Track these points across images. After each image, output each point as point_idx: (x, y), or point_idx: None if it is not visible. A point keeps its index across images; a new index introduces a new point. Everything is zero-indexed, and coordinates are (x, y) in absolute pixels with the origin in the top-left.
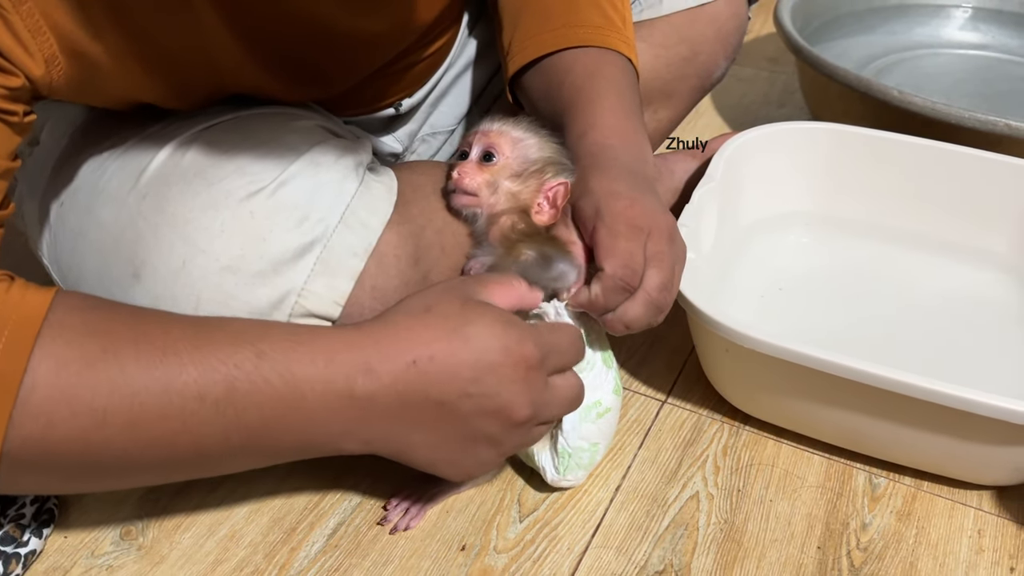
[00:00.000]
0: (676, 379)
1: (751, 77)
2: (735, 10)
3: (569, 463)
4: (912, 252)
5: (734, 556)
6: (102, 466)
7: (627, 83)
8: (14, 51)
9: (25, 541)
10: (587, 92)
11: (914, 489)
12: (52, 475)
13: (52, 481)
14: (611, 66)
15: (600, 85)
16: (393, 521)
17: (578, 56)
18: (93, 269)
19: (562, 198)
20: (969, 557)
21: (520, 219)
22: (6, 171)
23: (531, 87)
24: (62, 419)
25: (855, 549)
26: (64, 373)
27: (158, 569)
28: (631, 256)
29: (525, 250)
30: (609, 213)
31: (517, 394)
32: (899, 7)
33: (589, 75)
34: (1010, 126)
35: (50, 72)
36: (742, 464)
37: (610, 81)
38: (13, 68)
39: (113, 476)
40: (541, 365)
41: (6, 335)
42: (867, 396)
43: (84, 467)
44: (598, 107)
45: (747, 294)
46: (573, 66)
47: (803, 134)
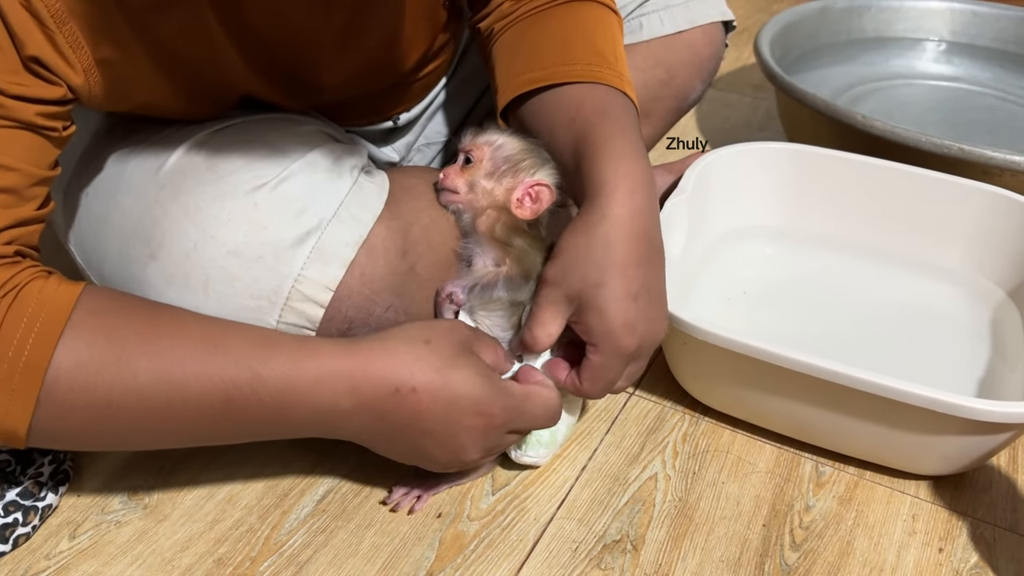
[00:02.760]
0: (644, 374)
1: (735, 102)
2: (711, 38)
3: (530, 440)
4: (869, 264)
5: (685, 530)
6: (111, 444)
7: (632, 122)
8: (58, 64)
9: (42, 496)
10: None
11: (856, 477)
12: (69, 444)
13: (70, 446)
14: (616, 106)
15: (608, 127)
16: (396, 500)
17: (574, 92)
18: (114, 251)
19: (546, 200)
20: (902, 538)
21: (501, 214)
22: (47, 179)
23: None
24: (78, 409)
25: (797, 528)
26: (83, 371)
27: (161, 526)
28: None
29: (510, 262)
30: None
31: (472, 442)
32: (877, 40)
33: (596, 113)
34: (963, 150)
35: (88, 81)
36: (699, 450)
37: (617, 122)
38: (56, 79)
39: (120, 448)
40: (502, 426)
41: (38, 326)
42: (810, 387)
43: (95, 444)
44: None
45: (713, 297)
46: (572, 102)
47: (769, 153)
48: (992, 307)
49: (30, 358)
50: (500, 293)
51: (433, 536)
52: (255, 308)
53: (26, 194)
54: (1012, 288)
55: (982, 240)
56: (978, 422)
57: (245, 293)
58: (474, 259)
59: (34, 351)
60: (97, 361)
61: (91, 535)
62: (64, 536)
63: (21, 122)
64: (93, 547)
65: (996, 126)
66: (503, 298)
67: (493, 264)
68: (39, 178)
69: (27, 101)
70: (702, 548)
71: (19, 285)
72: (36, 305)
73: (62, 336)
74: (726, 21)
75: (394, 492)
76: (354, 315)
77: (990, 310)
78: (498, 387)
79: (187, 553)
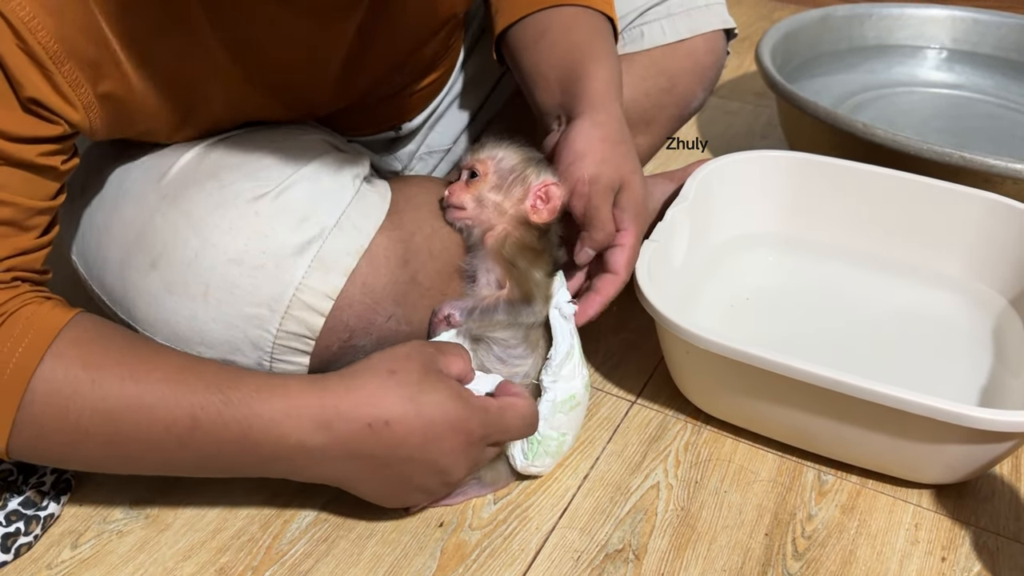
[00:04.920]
0: (646, 382)
1: (737, 110)
2: (712, 46)
3: (538, 450)
4: (871, 272)
5: (687, 539)
6: (87, 466)
7: (611, 43)
8: (58, 104)
9: (44, 506)
10: (583, 51)
11: (859, 486)
12: (48, 462)
13: (50, 463)
14: (602, 28)
15: (596, 47)
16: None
17: (569, 15)
18: (116, 260)
19: (556, 197)
20: (905, 547)
21: (514, 230)
22: (49, 208)
23: (519, 40)
24: (52, 432)
25: (800, 537)
26: (57, 395)
27: (163, 535)
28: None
29: (511, 285)
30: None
31: (455, 462)
32: (878, 47)
33: (586, 34)
34: (964, 158)
35: (89, 116)
36: (701, 459)
37: (604, 41)
38: (56, 118)
39: (97, 470)
40: (482, 440)
41: (21, 349)
42: (813, 396)
43: (72, 463)
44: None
45: (716, 305)
46: (567, 22)
47: (771, 161)
48: (994, 315)
49: (10, 378)
50: (500, 317)
51: (435, 545)
52: (255, 316)
53: (26, 224)
54: (1014, 296)
55: (984, 248)
56: (981, 431)
57: (245, 301)
58: (478, 275)
59: (14, 373)
60: (71, 385)
61: (93, 544)
62: (66, 545)
63: (20, 162)
64: (95, 556)
65: (998, 134)
66: (503, 321)
67: (496, 282)
68: (38, 209)
69: (27, 142)
70: (704, 557)
71: (11, 311)
72: (23, 329)
73: (41, 361)
74: (727, 29)
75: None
76: (355, 324)
77: (992, 318)
78: (472, 404)
79: (189, 562)
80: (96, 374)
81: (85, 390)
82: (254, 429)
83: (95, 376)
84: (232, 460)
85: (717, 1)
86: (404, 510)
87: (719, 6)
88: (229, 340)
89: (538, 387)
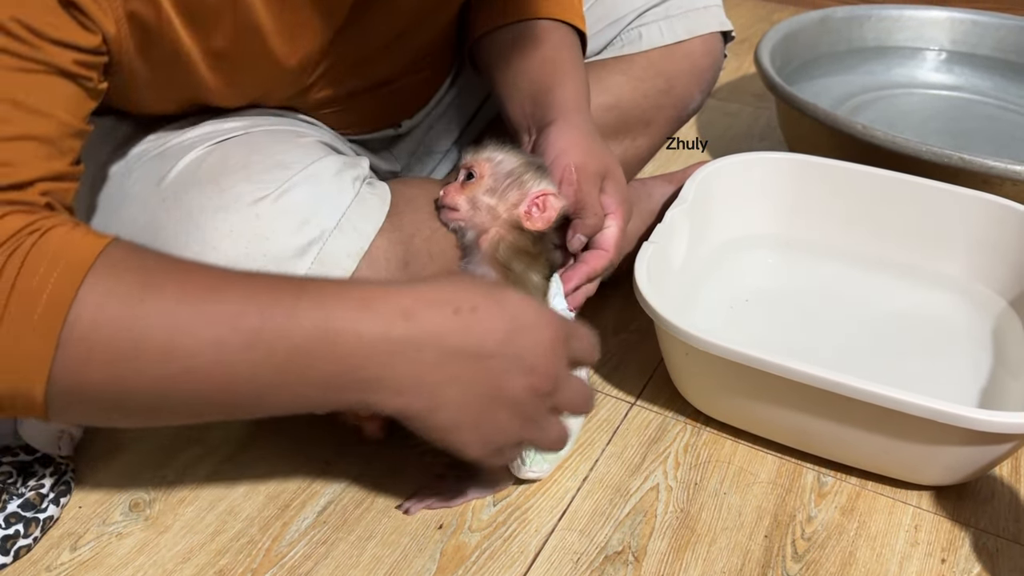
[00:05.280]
0: (646, 384)
1: (736, 112)
2: (709, 48)
3: (535, 456)
4: (870, 274)
5: (687, 540)
6: (134, 398)
7: (580, 57)
8: (94, 10)
9: (44, 508)
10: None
11: (859, 488)
12: (91, 404)
13: (91, 410)
14: (571, 43)
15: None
16: (407, 507)
17: (542, 29)
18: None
19: (552, 208)
20: (904, 549)
21: (507, 234)
22: (82, 132)
23: (491, 52)
24: (101, 346)
25: (799, 539)
26: (107, 304)
27: (162, 537)
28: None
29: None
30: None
31: (544, 358)
32: (877, 49)
33: (556, 48)
34: (964, 159)
35: (120, 33)
36: (701, 461)
37: (573, 55)
38: (93, 25)
39: (144, 411)
40: (566, 341)
41: (61, 267)
42: (812, 398)
43: (118, 397)
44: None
45: (715, 306)
46: (539, 36)
47: (770, 163)
48: (994, 316)
49: (46, 310)
50: None
51: (434, 547)
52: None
53: (61, 146)
54: (1013, 297)
55: (983, 249)
56: (980, 432)
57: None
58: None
59: (57, 288)
60: (123, 292)
61: (92, 547)
62: (65, 548)
63: (57, 68)
64: (94, 559)
65: (997, 135)
66: None
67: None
68: (75, 130)
69: (65, 47)
70: (704, 559)
71: (45, 228)
72: (61, 245)
73: (87, 275)
74: (724, 31)
75: (411, 505)
76: None
77: (992, 319)
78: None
79: (188, 565)
80: (149, 277)
81: (137, 294)
82: (331, 323)
83: (148, 280)
84: (301, 378)
85: (714, 4)
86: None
87: (716, 8)
88: None
89: None
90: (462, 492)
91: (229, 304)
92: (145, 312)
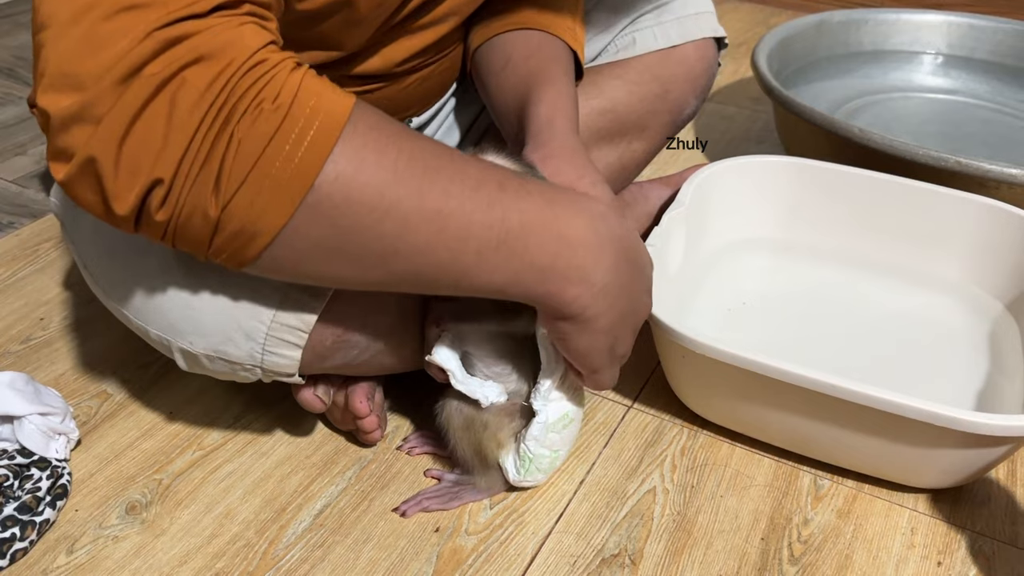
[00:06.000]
0: (643, 387)
1: (734, 115)
2: (703, 53)
3: (530, 467)
4: (866, 276)
5: (684, 543)
6: (377, 234)
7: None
8: None
9: (40, 511)
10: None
11: (855, 491)
12: (330, 234)
13: (322, 249)
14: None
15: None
16: (404, 509)
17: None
18: (113, 250)
19: None
20: (901, 552)
21: None
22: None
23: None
24: (371, 163)
25: (796, 541)
26: (374, 132)
27: (159, 541)
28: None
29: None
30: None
31: (651, 294)
32: (874, 53)
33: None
34: (960, 163)
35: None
36: (697, 463)
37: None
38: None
39: (375, 257)
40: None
41: (320, 118)
42: (809, 400)
43: (364, 229)
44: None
45: (713, 309)
46: (529, 51)
47: (767, 166)
48: (990, 319)
49: (313, 144)
50: (491, 325)
51: (431, 551)
52: (249, 305)
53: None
54: (1010, 300)
55: (979, 253)
56: (976, 435)
57: (240, 289)
58: None
59: (316, 140)
60: (386, 131)
61: (88, 550)
62: (62, 551)
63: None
64: (90, 562)
65: (993, 139)
66: (494, 330)
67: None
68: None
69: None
70: (700, 562)
71: (299, 67)
72: (317, 99)
73: (341, 136)
74: (718, 38)
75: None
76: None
77: (988, 323)
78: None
79: (184, 568)
80: (404, 131)
81: (399, 140)
82: (556, 198)
83: (402, 140)
84: (530, 237)
85: (707, 11)
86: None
87: (709, 15)
88: (223, 330)
89: (530, 407)
90: (458, 495)
91: (475, 167)
92: (408, 147)
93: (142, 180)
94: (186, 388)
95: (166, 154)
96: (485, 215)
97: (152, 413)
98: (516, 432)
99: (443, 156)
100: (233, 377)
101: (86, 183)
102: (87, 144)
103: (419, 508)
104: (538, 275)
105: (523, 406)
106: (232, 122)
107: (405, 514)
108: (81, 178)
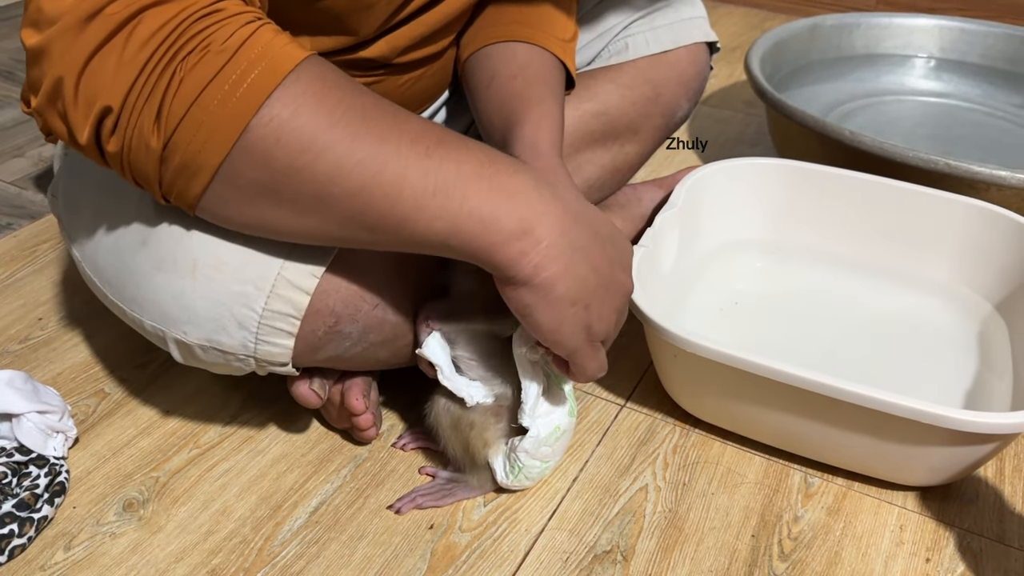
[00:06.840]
0: (635, 386)
1: (727, 118)
2: (695, 58)
3: (519, 475)
4: (857, 277)
5: (675, 540)
6: (309, 176)
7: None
8: None
9: (38, 508)
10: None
11: (845, 488)
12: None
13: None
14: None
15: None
16: (399, 507)
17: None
18: (107, 240)
19: None
20: (889, 548)
21: None
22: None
23: (472, 79)
24: (308, 108)
25: (786, 538)
26: (317, 82)
27: (156, 537)
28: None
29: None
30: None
31: (629, 272)
32: (867, 56)
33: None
34: (949, 165)
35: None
36: (689, 462)
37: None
38: None
39: (309, 199)
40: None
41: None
42: (799, 399)
43: (296, 170)
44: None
45: (705, 310)
46: (517, 67)
47: (759, 168)
48: (979, 320)
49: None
50: (478, 325)
51: (425, 547)
52: (241, 293)
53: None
54: (999, 301)
55: (969, 253)
56: (963, 433)
57: (232, 277)
58: (451, 288)
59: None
60: (328, 84)
61: (86, 547)
62: (59, 548)
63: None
64: (88, 559)
65: (985, 142)
66: (481, 330)
67: (471, 292)
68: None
69: None
70: (691, 558)
71: (258, 20)
72: (264, 48)
73: (283, 83)
74: (710, 43)
75: (403, 503)
76: (341, 310)
77: (977, 323)
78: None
79: (181, 564)
80: (348, 83)
81: (340, 97)
82: (495, 157)
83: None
84: (467, 188)
85: (699, 16)
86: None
87: (701, 20)
88: (215, 318)
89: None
90: (452, 493)
91: (415, 121)
92: (348, 91)
93: (95, 109)
94: (183, 387)
95: (116, 85)
96: (421, 162)
97: (149, 411)
98: (503, 433)
99: (386, 109)
100: (228, 369)
101: (54, 110)
102: (52, 75)
103: (413, 505)
104: (478, 225)
105: (509, 407)
106: (177, 60)
107: (399, 511)
108: (49, 106)
